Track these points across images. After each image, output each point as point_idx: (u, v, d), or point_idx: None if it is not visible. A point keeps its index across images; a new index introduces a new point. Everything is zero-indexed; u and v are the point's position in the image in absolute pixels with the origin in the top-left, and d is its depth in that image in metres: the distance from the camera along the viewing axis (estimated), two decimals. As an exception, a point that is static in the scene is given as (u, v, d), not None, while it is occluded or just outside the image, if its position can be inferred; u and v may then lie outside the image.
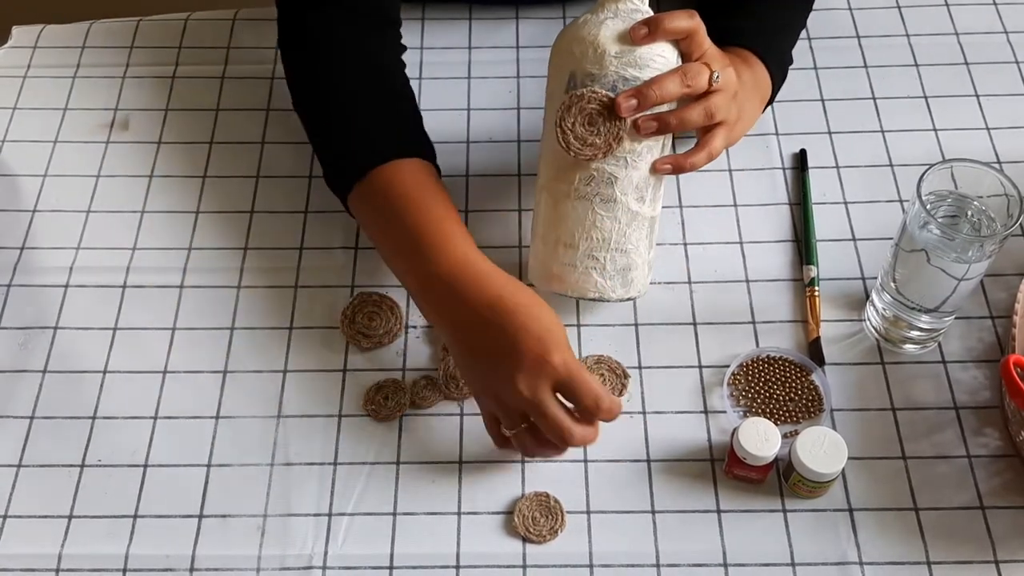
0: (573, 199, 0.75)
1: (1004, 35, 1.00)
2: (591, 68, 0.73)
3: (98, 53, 1.01)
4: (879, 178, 0.91)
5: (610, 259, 0.76)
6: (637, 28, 0.72)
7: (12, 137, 0.95)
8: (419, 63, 0.99)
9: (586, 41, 0.73)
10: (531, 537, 0.73)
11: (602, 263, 0.76)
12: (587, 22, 0.74)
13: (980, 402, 0.78)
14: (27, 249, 0.88)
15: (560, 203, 0.76)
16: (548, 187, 0.77)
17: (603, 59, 0.72)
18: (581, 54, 0.73)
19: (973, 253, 0.71)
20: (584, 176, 0.74)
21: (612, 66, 0.72)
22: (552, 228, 0.77)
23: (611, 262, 0.76)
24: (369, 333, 0.82)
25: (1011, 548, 0.72)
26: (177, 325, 0.83)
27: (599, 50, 0.72)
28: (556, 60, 0.76)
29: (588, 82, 0.73)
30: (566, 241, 0.76)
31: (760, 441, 0.71)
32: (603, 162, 0.73)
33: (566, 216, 0.75)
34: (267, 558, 0.72)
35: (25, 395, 0.80)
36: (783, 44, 0.88)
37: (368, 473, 0.76)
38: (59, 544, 0.73)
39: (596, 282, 0.77)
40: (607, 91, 0.72)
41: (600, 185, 0.74)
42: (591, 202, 0.74)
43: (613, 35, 0.73)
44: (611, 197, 0.74)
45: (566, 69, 0.74)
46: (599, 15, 0.74)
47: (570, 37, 0.74)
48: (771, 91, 0.85)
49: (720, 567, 0.72)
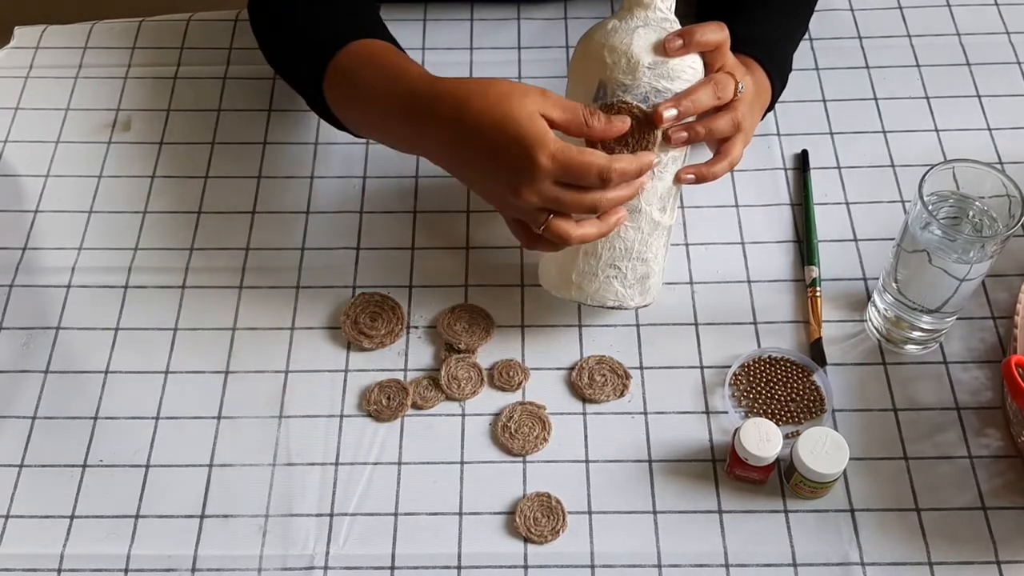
0: None
1: (1006, 35, 1.00)
2: (624, 79, 0.71)
3: (100, 54, 1.01)
4: (881, 178, 0.91)
5: (631, 268, 0.77)
6: (672, 40, 0.71)
7: (14, 137, 0.95)
8: (420, 63, 0.99)
9: (619, 51, 0.71)
10: (532, 537, 0.73)
11: (623, 272, 0.77)
12: (617, 29, 0.72)
13: (982, 403, 0.78)
14: (29, 249, 0.88)
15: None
16: None
17: (636, 70, 0.71)
18: (614, 63, 0.71)
19: (975, 254, 0.71)
20: None
21: (645, 77, 0.71)
22: None
23: (632, 271, 0.77)
24: (371, 333, 0.82)
25: (1013, 549, 0.72)
26: (179, 325, 0.83)
27: (632, 60, 0.70)
28: (583, 65, 0.74)
29: (620, 92, 0.71)
30: (587, 249, 0.76)
31: (761, 441, 0.71)
32: None
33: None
34: (268, 558, 0.72)
35: (27, 395, 0.80)
36: (784, 51, 0.88)
37: (370, 473, 0.76)
38: (61, 544, 0.73)
39: (617, 291, 0.77)
40: (638, 102, 0.71)
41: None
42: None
43: (647, 45, 0.71)
44: (636, 207, 0.74)
45: (595, 76, 0.72)
46: (628, 22, 0.72)
47: (599, 43, 0.72)
48: (771, 98, 0.85)
49: (722, 567, 0.72)
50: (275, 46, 0.86)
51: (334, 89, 0.78)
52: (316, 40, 0.80)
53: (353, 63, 0.77)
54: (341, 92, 0.78)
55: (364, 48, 0.78)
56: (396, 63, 0.77)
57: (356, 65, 0.77)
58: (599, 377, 0.80)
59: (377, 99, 0.75)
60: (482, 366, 0.81)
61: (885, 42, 1.00)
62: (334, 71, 0.77)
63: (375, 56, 0.78)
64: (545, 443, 0.77)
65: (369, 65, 0.77)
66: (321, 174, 0.92)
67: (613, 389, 0.79)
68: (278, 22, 0.85)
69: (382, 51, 0.78)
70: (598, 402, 0.79)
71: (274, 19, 0.86)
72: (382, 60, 0.77)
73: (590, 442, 0.77)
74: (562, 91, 0.92)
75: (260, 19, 0.87)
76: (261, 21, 0.87)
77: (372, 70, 0.76)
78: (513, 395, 0.80)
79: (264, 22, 0.87)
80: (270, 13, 0.86)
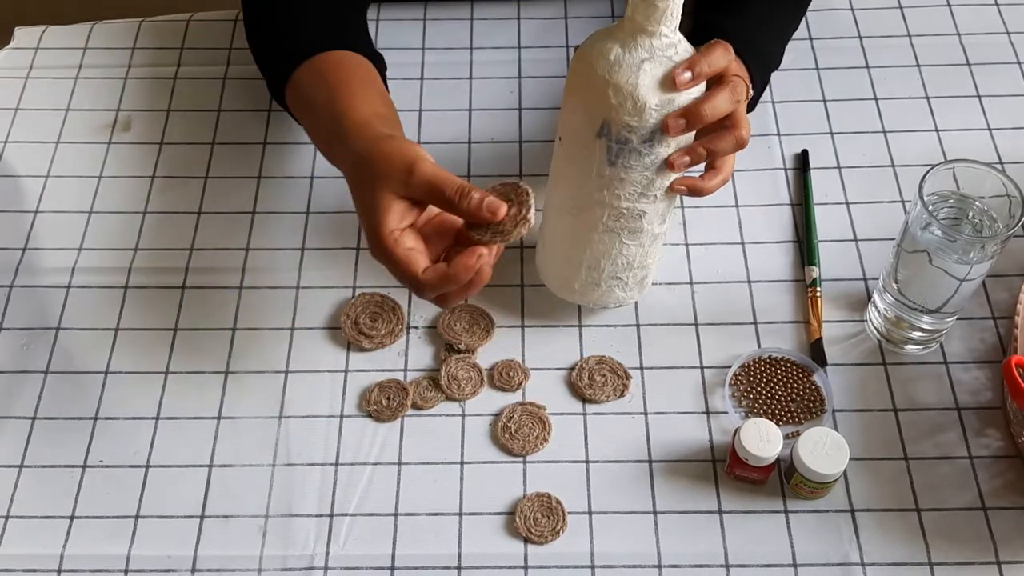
0: (600, 231, 0.75)
1: (1006, 35, 1.00)
2: (630, 120, 0.68)
3: (100, 54, 1.01)
4: (881, 179, 0.91)
5: (632, 276, 0.78)
6: (680, 74, 0.67)
7: (14, 138, 0.95)
8: (420, 63, 0.99)
9: (624, 91, 0.67)
10: (532, 538, 0.73)
11: (625, 281, 0.78)
12: (621, 64, 0.67)
13: (982, 403, 0.78)
14: (29, 250, 0.88)
15: (584, 232, 0.75)
16: (571, 214, 0.75)
17: (643, 112, 0.67)
18: (619, 104, 0.67)
19: (975, 254, 0.71)
20: (613, 213, 0.73)
21: (652, 118, 0.68)
22: (576, 252, 0.77)
23: (632, 278, 0.78)
24: (371, 334, 0.82)
25: (1013, 549, 0.72)
26: (179, 326, 0.83)
27: (639, 103, 0.67)
28: (584, 95, 0.70)
29: (625, 132, 0.68)
30: (590, 264, 0.77)
31: (762, 442, 0.71)
32: (635, 201, 0.72)
33: (591, 244, 0.76)
34: (268, 559, 0.73)
35: (27, 396, 0.80)
36: (768, 47, 0.86)
37: (370, 474, 0.76)
38: (61, 545, 0.73)
39: (618, 296, 0.79)
40: (643, 141, 0.69)
41: (629, 220, 0.74)
42: (619, 235, 0.75)
43: (653, 84, 0.67)
44: (638, 228, 0.74)
45: (598, 113, 0.69)
46: (632, 54, 0.67)
47: (603, 79, 0.67)
48: (750, 95, 0.84)
49: (722, 568, 0.72)
50: (254, 47, 0.88)
51: (292, 99, 0.81)
52: (282, 51, 0.82)
53: (310, 79, 0.79)
54: (297, 104, 0.81)
55: (325, 64, 0.79)
56: (338, 93, 0.77)
57: (313, 81, 0.79)
58: (599, 377, 0.80)
59: (314, 127, 0.80)
60: (482, 366, 0.81)
61: (885, 42, 1.00)
62: (293, 85, 0.80)
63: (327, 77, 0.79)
64: (545, 443, 0.77)
65: (321, 86, 0.78)
66: (321, 174, 0.92)
67: (613, 389, 0.79)
68: (258, 24, 0.87)
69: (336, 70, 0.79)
70: (598, 402, 0.79)
71: (255, 21, 0.87)
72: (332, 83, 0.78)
73: (590, 442, 0.77)
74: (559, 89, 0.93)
75: (246, 20, 0.89)
76: (246, 22, 0.89)
77: (323, 91, 0.77)
78: (513, 395, 0.80)
79: (248, 23, 0.88)
80: (252, 15, 0.87)
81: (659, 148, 0.69)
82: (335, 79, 0.78)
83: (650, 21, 0.66)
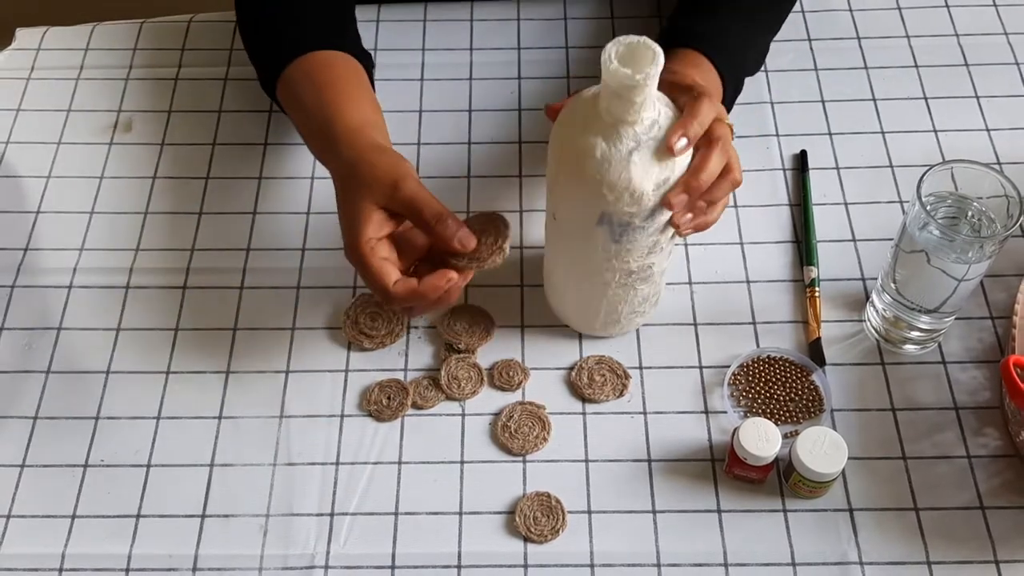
0: (613, 288, 0.75)
1: (1004, 36, 1.00)
2: (629, 209, 0.66)
3: (101, 55, 1.01)
4: (879, 179, 0.91)
5: (649, 305, 0.80)
6: (676, 142, 0.65)
7: (16, 139, 0.95)
8: (420, 64, 1.00)
9: (619, 187, 0.65)
10: (532, 537, 0.73)
11: (643, 312, 0.80)
12: (609, 160, 0.65)
13: (980, 402, 0.79)
14: (31, 250, 0.88)
15: (596, 290, 0.75)
16: (577, 279, 0.76)
17: (641, 200, 0.66)
18: (616, 199, 0.66)
19: (973, 254, 0.72)
20: (623, 275, 0.73)
21: (651, 201, 0.66)
22: (591, 305, 0.78)
23: (649, 306, 0.80)
24: (371, 333, 0.82)
25: (1011, 548, 0.72)
26: (180, 325, 0.84)
27: (636, 193, 0.65)
28: (575, 192, 0.68)
29: (625, 219, 0.67)
30: (608, 311, 0.78)
31: (760, 441, 0.72)
32: (643, 259, 0.72)
33: (605, 297, 0.76)
34: (269, 558, 0.73)
35: (29, 395, 0.80)
36: (743, 54, 0.85)
37: (370, 473, 0.76)
38: (62, 544, 0.73)
39: (636, 323, 0.81)
40: (646, 219, 0.68)
41: (640, 273, 0.74)
42: (632, 286, 0.75)
43: (646, 170, 0.65)
44: (649, 276, 0.75)
45: (594, 208, 0.67)
46: (618, 147, 0.64)
47: (595, 179, 0.65)
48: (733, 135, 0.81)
49: (721, 567, 0.72)
50: (246, 43, 0.89)
51: (283, 96, 0.83)
52: (274, 48, 0.84)
53: (301, 78, 0.81)
54: (288, 102, 0.83)
55: (314, 64, 0.81)
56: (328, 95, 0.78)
57: (302, 80, 0.80)
58: (598, 377, 0.80)
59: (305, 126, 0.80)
60: (482, 366, 0.81)
61: (884, 43, 1.00)
62: (284, 82, 0.82)
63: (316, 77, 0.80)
64: (545, 443, 0.77)
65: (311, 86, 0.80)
66: (321, 174, 0.92)
67: (612, 389, 0.79)
68: (250, 20, 0.88)
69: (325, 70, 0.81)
70: (598, 402, 0.79)
71: (246, 17, 0.88)
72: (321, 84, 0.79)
73: (590, 442, 0.77)
74: (561, 91, 0.93)
75: (238, 15, 0.90)
76: (239, 17, 0.90)
77: (313, 92, 0.79)
78: (513, 395, 0.80)
79: (240, 19, 0.89)
80: (244, 11, 0.89)
81: (662, 217, 0.69)
82: (325, 79, 0.80)
83: (629, 113, 0.64)
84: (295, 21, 0.84)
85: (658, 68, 0.62)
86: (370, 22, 1.02)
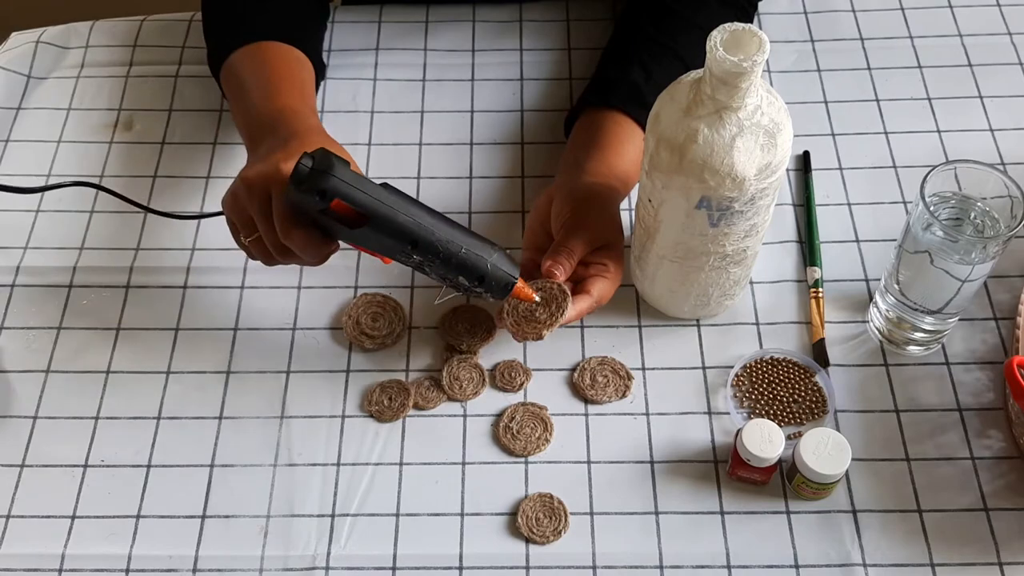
0: (707, 271, 0.75)
1: (1007, 37, 1.00)
2: (729, 194, 0.68)
3: (102, 53, 1.01)
4: (883, 180, 0.91)
5: (739, 288, 0.80)
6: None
7: (16, 137, 0.95)
8: (423, 65, 0.99)
9: (721, 173, 0.66)
10: (534, 538, 0.73)
11: (734, 295, 0.80)
12: (711, 145, 0.66)
13: (984, 404, 0.78)
14: (31, 249, 0.88)
15: (691, 273, 0.76)
16: (672, 260, 0.76)
17: (743, 185, 0.67)
18: (717, 185, 0.67)
19: (976, 255, 0.71)
20: (718, 258, 0.74)
21: (752, 187, 0.68)
22: (682, 288, 0.78)
23: (739, 289, 0.80)
24: (372, 334, 0.82)
25: (1015, 550, 0.72)
26: (180, 325, 0.83)
27: (738, 179, 0.67)
28: (675, 177, 0.68)
29: (725, 203, 0.69)
30: (699, 293, 0.78)
31: (764, 442, 0.71)
32: (739, 243, 0.73)
33: (698, 281, 0.77)
34: (270, 559, 0.72)
35: (28, 395, 0.80)
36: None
37: (371, 474, 0.76)
38: (62, 544, 0.73)
39: (727, 304, 0.81)
40: (746, 203, 0.69)
41: (735, 257, 0.75)
42: (726, 269, 0.76)
43: (747, 156, 0.66)
44: (743, 259, 0.75)
45: (695, 192, 0.68)
46: (722, 133, 0.66)
47: (697, 164, 0.67)
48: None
49: (724, 569, 0.71)
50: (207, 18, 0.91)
51: (228, 74, 0.86)
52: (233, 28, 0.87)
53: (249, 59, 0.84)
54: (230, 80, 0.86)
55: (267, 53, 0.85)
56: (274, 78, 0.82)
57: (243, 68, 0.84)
58: (601, 378, 0.80)
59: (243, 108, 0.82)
60: (484, 367, 0.81)
61: (887, 43, 1.00)
62: (236, 60, 0.85)
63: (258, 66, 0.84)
64: (547, 444, 0.77)
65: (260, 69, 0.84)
66: (323, 174, 0.92)
67: (615, 390, 0.79)
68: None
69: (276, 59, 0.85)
70: (600, 403, 0.79)
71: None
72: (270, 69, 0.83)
73: (592, 443, 0.77)
74: (564, 92, 0.93)
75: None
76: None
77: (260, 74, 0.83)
78: (515, 396, 0.80)
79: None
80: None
81: (761, 201, 0.70)
82: (273, 65, 0.84)
83: (734, 99, 0.65)
84: (263, 11, 0.87)
85: (764, 55, 0.63)
86: (372, 23, 1.02)
